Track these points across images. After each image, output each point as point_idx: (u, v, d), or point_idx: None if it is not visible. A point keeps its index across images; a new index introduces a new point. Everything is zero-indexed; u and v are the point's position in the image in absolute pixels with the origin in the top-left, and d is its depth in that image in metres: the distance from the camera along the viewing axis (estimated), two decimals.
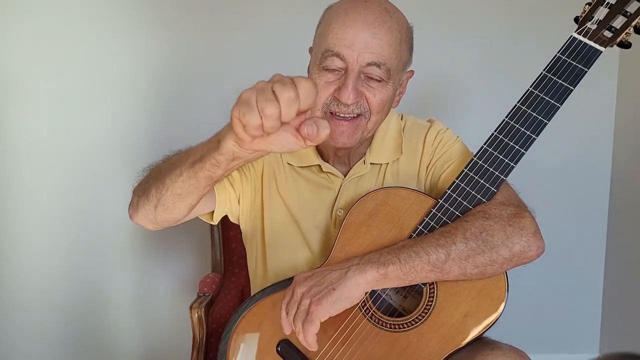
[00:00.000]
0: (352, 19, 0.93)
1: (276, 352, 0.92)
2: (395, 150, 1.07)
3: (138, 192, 0.95)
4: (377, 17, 0.93)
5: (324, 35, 0.96)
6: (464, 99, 1.77)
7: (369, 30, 0.92)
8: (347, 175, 1.05)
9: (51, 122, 1.68)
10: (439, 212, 0.91)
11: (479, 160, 0.91)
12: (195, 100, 1.71)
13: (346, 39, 0.92)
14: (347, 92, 0.93)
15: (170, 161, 0.90)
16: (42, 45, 1.63)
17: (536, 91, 0.89)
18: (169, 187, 0.87)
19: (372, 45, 0.92)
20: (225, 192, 1.05)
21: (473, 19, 1.73)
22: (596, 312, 1.95)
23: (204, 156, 0.80)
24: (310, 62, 1.02)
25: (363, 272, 0.85)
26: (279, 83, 0.66)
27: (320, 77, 0.96)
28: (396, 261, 0.85)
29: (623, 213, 1.83)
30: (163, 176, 0.88)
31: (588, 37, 0.88)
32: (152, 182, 0.91)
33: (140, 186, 0.95)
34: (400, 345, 0.87)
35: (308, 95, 0.65)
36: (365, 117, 0.97)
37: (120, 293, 1.80)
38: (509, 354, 0.88)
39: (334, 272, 0.87)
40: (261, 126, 0.66)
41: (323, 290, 0.85)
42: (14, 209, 1.72)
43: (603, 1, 0.88)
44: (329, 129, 0.67)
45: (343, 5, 0.96)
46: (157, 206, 0.91)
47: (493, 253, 0.85)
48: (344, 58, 0.93)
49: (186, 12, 1.66)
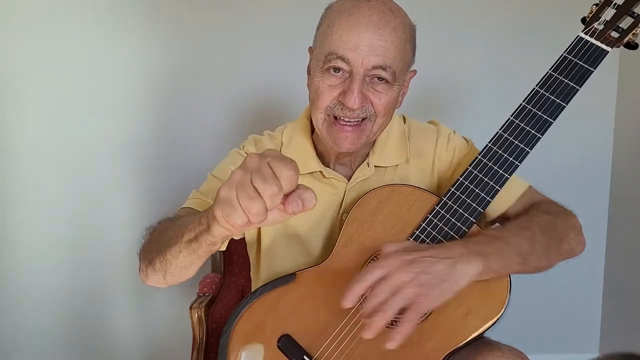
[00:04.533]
0: (356, 20, 0.90)
1: (277, 347, 0.92)
2: (400, 153, 1.06)
3: (144, 261, 0.93)
4: (382, 17, 0.90)
5: (326, 36, 0.93)
6: (468, 98, 1.77)
7: (374, 32, 0.89)
8: (351, 179, 1.04)
9: (51, 123, 1.68)
10: (442, 209, 0.92)
11: (483, 159, 0.91)
12: (196, 101, 1.71)
13: (350, 42, 0.90)
14: (352, 97, 0.91)
15: (166, 236, 0.86)
16: (42, 46, 1.63)
17: (542, 90, 0.89)
18: (172, 261, 0.85)
19: (377, 48, 0.90)
20: None
21: (479, 19, 1.73)
22: (596, 312, 1.95)
23: (198, 237, 0.77)
24: (311, 63, 1.00)
25: (469, 264, 0.82)
26: (258, 178, 0.61)
27: (323, 80, 0.94)
28: (495, 253, 0.84)
29: (623, 213, 1.84)
30: (163, 251, 0.85)
31: (595, 37, 0.88)
32: (155, 255, 0.89)
33: (145, 255, 0.93)
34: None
35: (291, 184, 0.62)
36: (371, 120, 0.96)
37: (120, 293, 1.80)
38: (508, 355, 0.88)
39: (437, 262, 0.81)
40: (248, 222, 0.63)
41: (433, 280, 0.79)
42: (14, 209, 1.72)
43: (610, 2, 0.88)
44: (315, 199, 0.64)
45: (345, 5, 0.92)
46: (165, 276, 0.90)
47: (561, 245, 0.91)
48: (349, 61, 0.90)
49: (187, 12, 1.66)
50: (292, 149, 1.06)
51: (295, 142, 1.07)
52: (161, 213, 1.74)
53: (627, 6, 0.87)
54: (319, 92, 0.94)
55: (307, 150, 1.05)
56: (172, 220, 0.92)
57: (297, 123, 1.09)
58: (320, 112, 0.96)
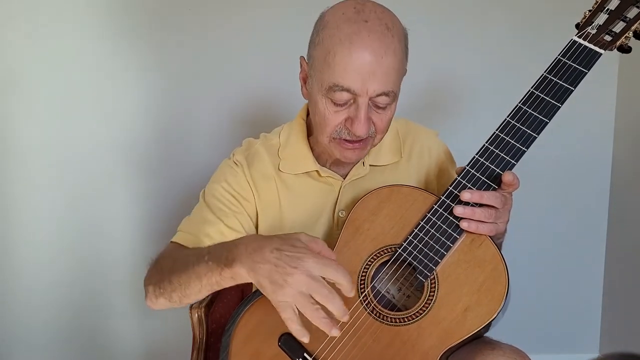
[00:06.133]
0: (358, 49, 0.88)
1: (278, 345, 0.93)
2: (394, 152, 1.10)
3: (155, 292, 0.97)
4: (382, 41, 0.89)
5: (327, 65, 0.91)
6: (464, 101, 1.78)
7: (376, 61, 0.89)
8: (347, 177, 1.07)
9: (51, 123, 1.68)
10: (440, 207, 0.93)
11: (480, 158, 0.93)
12: (196, 100, 1.71)
13: (354, 72, 0.89)
14: (360, 125, 0.92)
15: (180, 279, 0.90)
16: (42, 46, 1.63)
17: (537, 92, 0.91)
18: (192, 296, 0.91)
19: (380, 75, 0.90)
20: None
21: (475, 23, 1.74)
22: (596, 312, 1.95)
23: (220, 283, 0.84)
24: (308, 78, 0.99)
25: None
26: (318, 295, 0.76)
27: (327, 106, 0.94)
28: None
29: (623, 213, 1.84)
30: (183, 287, 0.90)
31: (588, 40, 0.90)
32: (173, 292, 0.93)
33: (156, 288, 0.97)
34: (401, 338, 0.89)
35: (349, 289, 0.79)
36: (372, 136, 0.98)
37: (120, 293, 1.80)
38: (509, 354, 0.90)
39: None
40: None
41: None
42: (15, 209, 1.72)
43: (603, 7, 0.90)
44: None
45: (344, 30, 0.90)
46: (180, 304, 0.95)
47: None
48: (354, 92, 0.91)
49: (187, 13, 1.66)
50: (289, 150, 1.09)
51: (292, 143, 1.09)
52: (161, 213, 1.74)
53: (619, 11, 0.89)
54: (324, 117, 0.96)
55: (304, 152, 1.07)
56: (177, 260, 0.95)
57: (294, 124, 1.11)
58: (326, 135, 0.98)
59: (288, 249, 0.78)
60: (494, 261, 0.90)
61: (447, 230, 0.92)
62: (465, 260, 0.91)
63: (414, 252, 0.93)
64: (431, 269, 0.91)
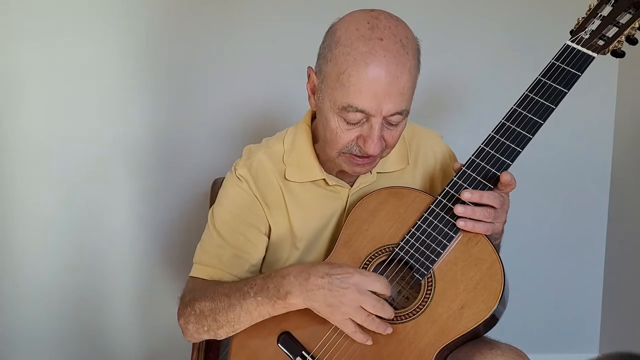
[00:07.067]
0: (374, 70, 0.86)
1: (277, 344, 0.95)
2: (401, 159, 1.09)
3: (198, 330, 1.00)
4: (398, 60, 0.87)
5: (342, 85, 0.89)
6: (463, 102, 1.78)
7: (392, 82, 0.87)
8: (354, 186, 1.06)
9: (51, 123, 1.67)
10: (437, 207, 0.95)
11: (476, 159, 0.94)
12: (198, 102, 1.70)
13: (369, 93, 0.87)
14: (372, 145, 0.91)
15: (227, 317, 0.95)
16: (42, 45, 1.62)
17: (532, 94, 0.93)
18: (242, 328, 0.96)
19: (395, 95, 0.88)
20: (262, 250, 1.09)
21: (473, 28, 1.74)
22: (596, 312, 1.95)
23: (271, 313, 0.92)
24: (319, 94, 0.95)
25: None
26: (370, 307, 0.86)
27: (340, 125, 0.92)
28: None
29: (623, 213, 1.84)
30: (232, 324, 0.95)
31: (581, 45, 0.92)
32: (219, 329, 0.97)
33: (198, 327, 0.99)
34: (397, 336, 0.90)
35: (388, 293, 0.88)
36: (382, 150, 0.97)
37: (120, 293, 1.79)
38: (508, 354, 0.91)
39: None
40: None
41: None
42: (14, 209, 1.71)
43: (596, 13, 0.92)
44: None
45: (359, 49, 0.87)
46: (227, 336, 1.00)
47: None
48: (368, 112, 0.89)
49: (188, 13, 1.65)
50: (295, 157, 1.06)
51: (297, 150, 1.06)
52: (161, 213, 1.73)
53: (612, 17, 0.91)
54: (336, 135, 0.94)
55: (309, 160, 1.05)
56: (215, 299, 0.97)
57: (298, 129, 1.08)
58: (335, 151, 0.96)
59: (336, 272, 0.86)
60: (490, 259, 0.91)
61: (444, 229, 0.94)
62: (462, 258, 0.93)
63: (411, 251, 0.94)
64: (428, 267, 0.92)
